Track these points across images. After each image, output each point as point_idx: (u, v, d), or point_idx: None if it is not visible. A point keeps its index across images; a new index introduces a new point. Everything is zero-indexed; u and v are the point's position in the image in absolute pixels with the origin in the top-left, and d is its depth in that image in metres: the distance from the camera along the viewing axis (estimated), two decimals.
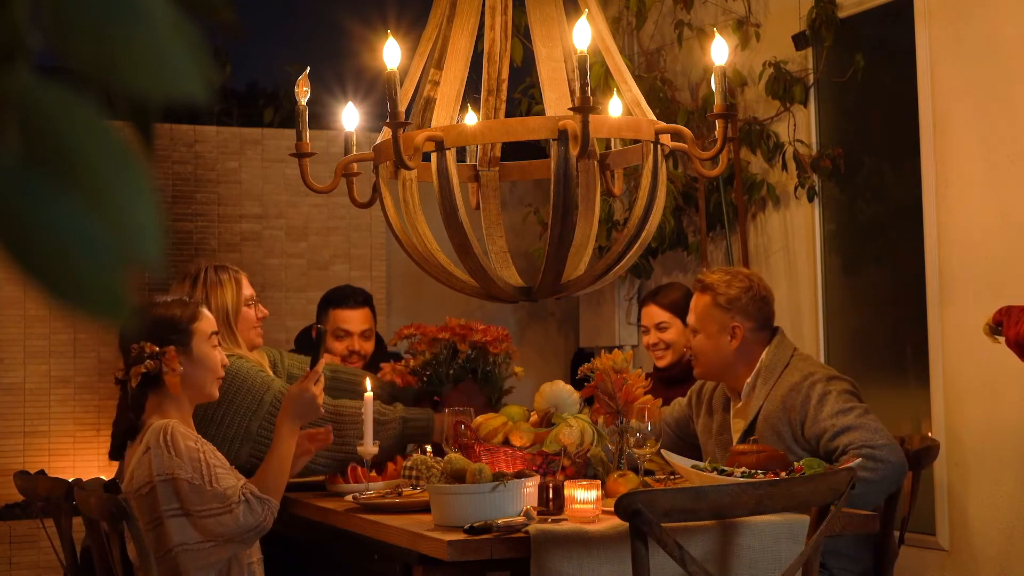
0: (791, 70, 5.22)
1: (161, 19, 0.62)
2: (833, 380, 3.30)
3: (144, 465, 2.73)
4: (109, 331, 3.49)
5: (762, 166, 5.47)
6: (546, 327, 6.87)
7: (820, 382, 3.27)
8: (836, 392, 3.24)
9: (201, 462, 2.71)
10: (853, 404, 3.23)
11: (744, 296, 3.42)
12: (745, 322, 3.41)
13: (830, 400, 3.23)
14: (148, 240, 0.61)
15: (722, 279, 3.46)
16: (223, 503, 2.70)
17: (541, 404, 3.27)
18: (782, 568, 2.61)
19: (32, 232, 0.59)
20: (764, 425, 3.31)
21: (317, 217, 6.19)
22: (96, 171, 0.61)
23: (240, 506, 2.71)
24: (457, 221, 2.96)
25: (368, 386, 3.39)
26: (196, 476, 2.70)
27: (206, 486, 2.69)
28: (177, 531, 2.72)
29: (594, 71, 4.73)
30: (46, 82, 0.61)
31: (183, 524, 2.72)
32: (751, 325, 3.42)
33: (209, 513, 2.70)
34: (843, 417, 3.19)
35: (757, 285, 3.47)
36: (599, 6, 3.26)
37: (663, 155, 3.13)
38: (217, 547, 2.74)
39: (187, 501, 2.70)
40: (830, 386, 3.26)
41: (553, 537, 2.58)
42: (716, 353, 3.43)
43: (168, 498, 2.71)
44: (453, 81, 3.10)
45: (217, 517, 2.70)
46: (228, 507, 2.71)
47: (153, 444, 2.72)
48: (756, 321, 3.43)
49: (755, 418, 3.35)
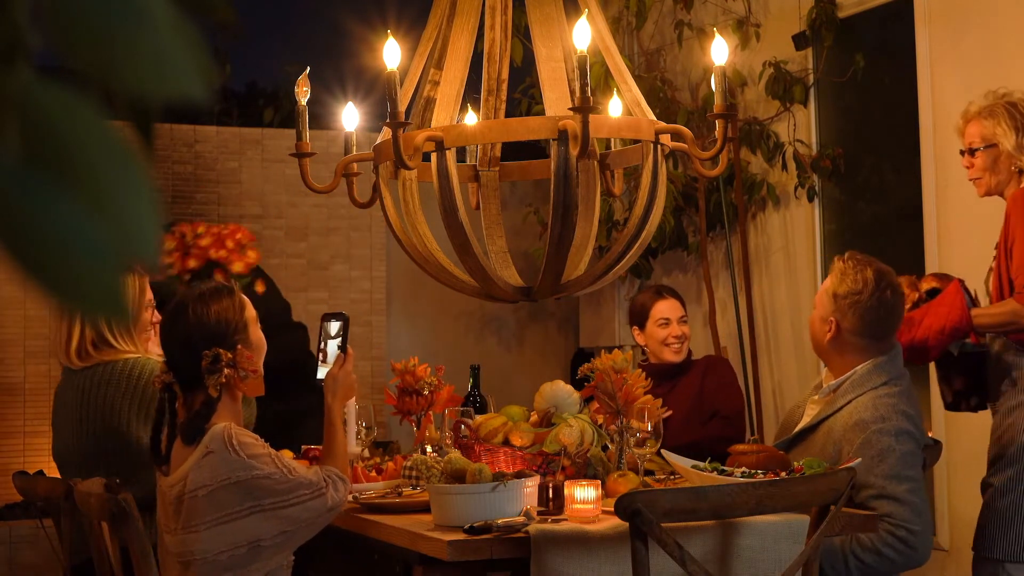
0: (791, 70, 5.22)
1: (161, 19, 0.62)
2: (903, 436, 3.15)
3: (205, 468, 2.72)
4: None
5: (762, 166, 5.47)
6: (546, 327, 6.87)
7: (889, 435, 3.13)
8: (900, 453, 3.12)
9: (273, 456, 2.75)
10: (911, 474, 3.12)
11: (851, 295, 3.29)
12: (843, 321, 3.30)
13: (890, 459, 3.11)
14: (148, 240, 0.61)
15: (849, 270, 3.32)
16: (313, 488, 2.74)
17: (541, 404, 3.27)
18: (782, 568, 2.61)
19: (32, 232, 0.59)
20: (826, 434, 3.25)
21: (317, 217, 6.19)
22: (96, 171, 0.61)
23: (329, 487, 2.77)
24: (457, 221, 2.96)
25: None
26: (276, 471, 2.72)
27: (288, 475, 2.73)
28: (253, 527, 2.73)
29: (594, 71, 4.73)
30: (46, 82, 0.61)
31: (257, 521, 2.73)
32: (849, 326, 3.30)
33: (299, 500, 2.73)
34: (895, 485, 3.09)
35: (870, 294, 3.30)
36: (599, 6, 3.26)
37: (663, 155, 3.13)
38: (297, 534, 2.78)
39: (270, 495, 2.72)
40: (898, 444, 3.13)
41: (553, 537, 2.58)
42: (817, 336, 3.38)
43: (241, 498, 2.71)
44: (453, 81, 3.10)
45: (307, 503, 2.74)
46: (320, 491, 2.75)
47: (218, 448, 2.71)
48: (855, 326, 3.30)
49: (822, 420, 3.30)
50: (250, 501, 2.72)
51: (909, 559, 3.10)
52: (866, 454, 3.12)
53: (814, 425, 3.30)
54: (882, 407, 3.19)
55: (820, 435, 3.27)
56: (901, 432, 3.16)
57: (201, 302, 2.84)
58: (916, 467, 3.16)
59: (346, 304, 6.20)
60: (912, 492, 3.10)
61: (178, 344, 2.82)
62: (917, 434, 3.21)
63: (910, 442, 3.16)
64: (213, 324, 2.81)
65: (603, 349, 4.65)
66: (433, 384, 3.75)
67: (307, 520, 2.76)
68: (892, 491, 3.08)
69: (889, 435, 3.13)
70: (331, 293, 6.20)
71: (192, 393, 2.81)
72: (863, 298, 3.29)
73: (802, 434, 3.32)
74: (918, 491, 3.12)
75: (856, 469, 2.70)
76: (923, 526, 3.10)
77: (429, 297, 6.35)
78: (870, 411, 3.18)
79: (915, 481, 3.13)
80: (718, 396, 4.24)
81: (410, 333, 6.54)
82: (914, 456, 3.16)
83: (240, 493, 2.72)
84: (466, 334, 6.68)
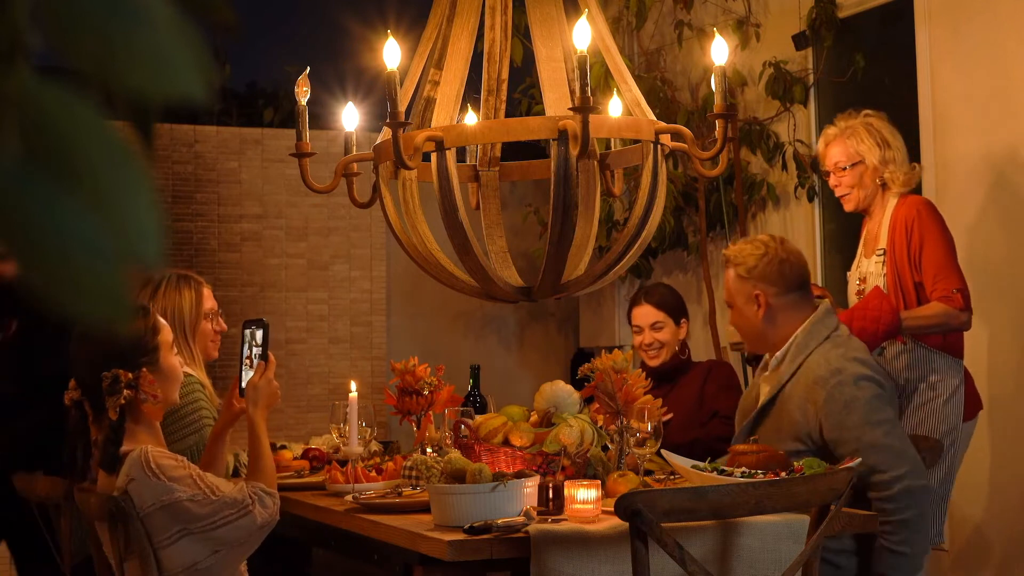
0: (791, 70, 5.22)
1: (161, 19, 0.62)
2: (862, 381, 3.17)
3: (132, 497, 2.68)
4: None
5: (762, 166, 5.47)
6: (546, 327, 6.87)
7: (848, 384, 3.15)
8: (864, 400, 3.13)
9: (194, 477, 2.67)
10: (881, 417, 3.13)
11: (760, 262, 3.34)
12: (767, 288, 3.33)
13: (857, 408, 3.12)
14: (148, 240, 0.61)
15: (740, 250, 3.39)
16: (238, 508, 2.68)
17: (541, 404, 3.27)
18: (782, 568, 2.61)
19: (32, 232, 0.59)
20: (787, 403, 3.26)
21: (317, 217, 6.19)
22: (96, 171, 0.61)
23: (255, 505, 2.70)
24: (457, 221, 2.96)
25: (353, 387, 3.42)
26: (197, 492, 2.65)
27: (211, 496, 2.66)
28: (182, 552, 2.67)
29: (594, 71, 4.73)
30: (46, 82, 0.61)
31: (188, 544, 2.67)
32: (773, 291, 3.33)
33: (225, 521, 2.66)
34: (869, 432, 3.09)
35: (774, 249, 3.37)
36: (599, 6, 3.26)
37: (663, 155, 3.13)
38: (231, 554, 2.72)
39: (194, 519, 2.65)
40: (859, 391, 3.15)
41: (553, 537, 2.58)
42: (748, 325, 3.38)
43: (166, 525, 2.66)
44: (453, 81, 3.10)
45: (235, 523, 2.67)
46: (245, 509, 2.68)
47: (138, 475, 2.65)
48: (778, 286, 3.33)
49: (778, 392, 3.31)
50: (178, 525, 2.67)
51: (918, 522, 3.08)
52: (832, 410, 3.14)
53: (772, 399, 3.31)
54: (834, 359, 3.21)
55: (780, 406, 3.27)
56: (860, 378, 3.17)
57: None
58: (885, 409, 3.16)
59: (346, 304, 6.21)
60: (888, 435, 3.11)
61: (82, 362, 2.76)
62: (877, 376, 3.21)
63: (871, 386, 3.17)
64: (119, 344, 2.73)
65: (603, 349, 4.65)
66: (433, 384, 3.75)
67: (238, 539, 2.70)
68: (868, 439, 3.08)
69: (848, 385, 3.15)
70: (331, 293, 6.20)
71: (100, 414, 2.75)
72: (770, 255, 3.35)
73: (763, 411, 3.33)
74: (893, 432, 3.13)
75: (855, 469, 2.70)
76: (911, 465, 3.10)
77: (429, 297, 6.35)
78: (823, 367, 3.20)
79: (888, 423, 3.14)
80: (718, 397, 4.24)
81: (410, 333, 6.54)
82: (879, 399, 3.17)
83: (168, 518, 2.67)
84: (466, 334, 6.68)
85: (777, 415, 3.28)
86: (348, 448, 3.35)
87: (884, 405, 3.18)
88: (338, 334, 6.19)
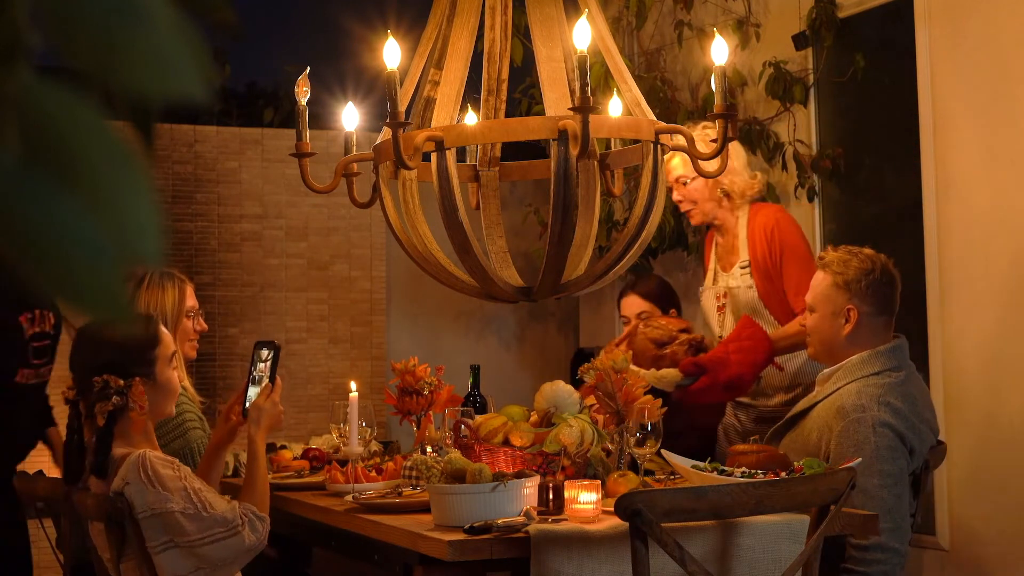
0: (791, 70, 5.22)
1: (161, 19, 0.62)
2: (882, 428, 3.12)
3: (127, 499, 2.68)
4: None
5: (762, 166, 5.47)
6: (546, 327, 6.87)
7: (867, 425, 3.10)
8: (875, 446, 3.09)
9: (189, 490, 2.65)
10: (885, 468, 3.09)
11: (864, 279, 3.27)
12: (862, 306, 3.28)
13: (866, 452, 3.08)
14: (148, 240, 0.61)
15: (845, 260, 3.31)
16: (228, 527, 2.66)
17: (541, 404, 3.27)
18: (782, 568, 2.61)
19: (32, 232, 0.59)
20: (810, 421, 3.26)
21: (317, 217, 6.19)
22: (96, 171, 0.61)
23: (245, 527, 2.68)
24: (457, 221, 2.96)
25: (353, 387, 3.42)
26: (189, 506, 2.63)
27: (202, 513, 2.64)
28: (168, 564, 2.66)
29: (594, 71, 4.73)
30: (46, 82, 0.61)
31: (174, 556, 2.65)
32: (867, 311, 3.28)
33: (213, 539, 2.64)
34: (866, 478, 3.04)
35: (880, 269, 3.30)
36: (599, 6, 3.26)
37: (663, 155, 3.13)
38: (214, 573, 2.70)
39: (182, 532, 2.63)
40: (875, 436, 3.10)
41: (553, 537, 2.58)
42: (827, 335, 3.32)
43: (156, 533, 2.64)
44: (453, 81, 3.10)
45: (222, 541, 2.65)
46: (234, 530, 2.66)
47: (133, 479, 2.64)
48: (873, 308, 3.28)
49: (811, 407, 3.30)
50: (165, 536, 2.65)
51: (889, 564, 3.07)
52: (842, 445, 3.11)
53: (805, 411, 3.31)
54: (865, 396, 3.17)
55: (808, 421, 3.28)
56: (880, 424, 3.12)
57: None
58: (893, 461, 3.12)
59: (346, 304, 6.21)
60: (883, 487, 3.07)
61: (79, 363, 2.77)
62: (901, 427, 3.15)
63: (890, 435, 3.12)
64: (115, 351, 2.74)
65: (603, 349, 4.65)
66: (433, 384, 3.75)
67: (223, 559, 2.68)
68: (864, 484, 3.03)
69: (867, 426, 3.11)
70: (331, 293, 6.20)
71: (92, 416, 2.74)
72: (876, 275, 3.29)
73: (794, 420, 3.34)
74: (891, 487, 3.09)
75: (855, 469, 2.70)
76: (893, 524, 3.06)
77: (429, 297, 6.35)
78: (852, 398, 3.17)
79: (891, 477, 3.09)
80: None
81: (410, 333, 6.54)
82: (892, 451, 3.12)
83: (159, 526, 2.66)
84: (466, 334, 6.68)
85: (801, 429, 3.29)
86: (348, 448, 3.35)
87: (893, 457, 3.12)
88: (338, 334, 6.19)
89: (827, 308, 3.34)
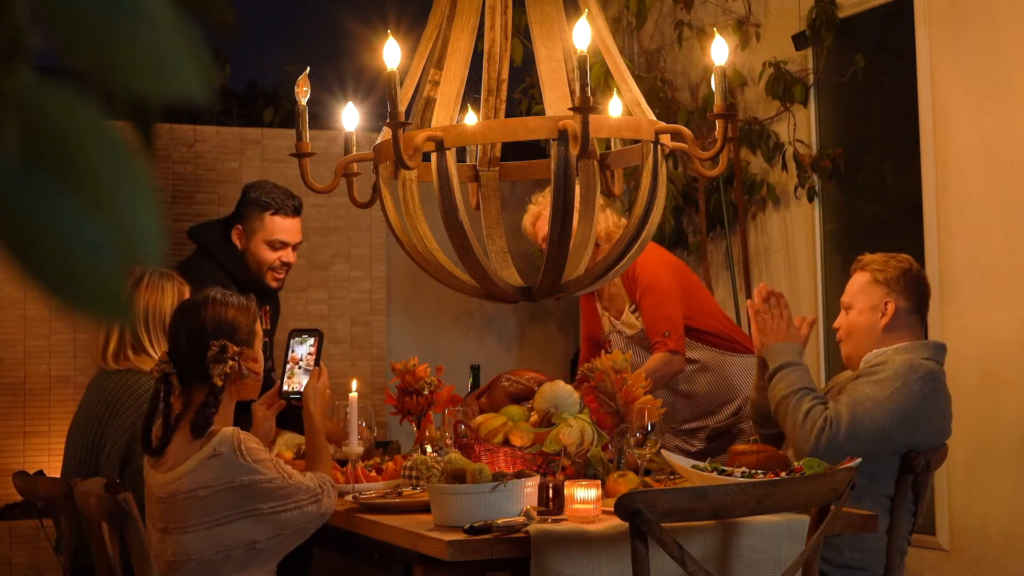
0: (791, 70, 5.22)
1: (161, 19, 0.62)
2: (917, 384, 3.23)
3: (210, 470, 2.75)
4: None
5: (762, 166, 5.47)
6: (546, 327, 6.87)
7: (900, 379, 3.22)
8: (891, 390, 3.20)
9: (275, 462, 2.79)
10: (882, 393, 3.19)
11: (902, 276, 3.40)
12: (899, 300, 3.39)
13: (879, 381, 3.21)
14: (148, 240, 0.61)
15: (882, 260, 3.45)
16: (311, 494, 2.80)
17: (541, 404, 3.27)
18: (782, 568, 2.61)
19: (32, 232, 0.59)
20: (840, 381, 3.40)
21: (317, 217, 6.19)
22: (96, 171, 0.61)
23: (324, 495, 2.83)
24: (457, 221, 2.96)
25: (354, 387, 3.42)
26: (277, 476, 2.77)
27: (288, 481, 2.78)
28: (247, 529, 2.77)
29: (594, 71, 4.73)
30: (46, 82, 0.61)
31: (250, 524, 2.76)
32: (905, 305, 3.39)
33: (297, 505, 2.78)
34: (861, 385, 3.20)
35: (916, 270, 3.45)
36: (599, 6, 3.26)
37: (663, 155, 3.13)
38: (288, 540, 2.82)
39: (269, 499, 2.76)
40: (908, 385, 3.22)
41: (553, 537, 2.58)
42: (864, 329, 3.42)
43: (238, 501, 2.75)
44: (453, 81, 3.10)
45: (304, 508, 2.79)
46: (317, 496, 2.81)
47: (227, 452, 2.75)
48: (910, 302, 3.40)
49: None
50: (249, 504, 2.76)
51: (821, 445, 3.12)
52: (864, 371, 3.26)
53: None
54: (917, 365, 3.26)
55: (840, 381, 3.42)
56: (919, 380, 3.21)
57: (222, 302, 2.91)
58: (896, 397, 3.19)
59: (346, 304, 6.21)
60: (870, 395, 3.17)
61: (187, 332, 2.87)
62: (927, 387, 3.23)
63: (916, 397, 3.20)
64: (228, 321, 2.89)
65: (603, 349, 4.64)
66: (433, 384, 3.75)
67: (300, 526, 2.81)
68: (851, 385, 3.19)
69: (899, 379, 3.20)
70: (331, 293, 6.20)
71: (190, 387, 2.86)
72: (913, 274, 3.41)
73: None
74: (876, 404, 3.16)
75: (855, 469, 2.70)
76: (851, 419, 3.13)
77: (429, 297, 6.35)
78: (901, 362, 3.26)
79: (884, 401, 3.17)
80: None
81: (410, 333, 6.54)
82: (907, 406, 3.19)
83: (239, 496, 2.75)
84: (466, 334, 6.68)
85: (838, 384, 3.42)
86: (348, 448, 3.35)
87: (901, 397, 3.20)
88: (338, 334, 6.18)
89: (865, 303, 3.43)
